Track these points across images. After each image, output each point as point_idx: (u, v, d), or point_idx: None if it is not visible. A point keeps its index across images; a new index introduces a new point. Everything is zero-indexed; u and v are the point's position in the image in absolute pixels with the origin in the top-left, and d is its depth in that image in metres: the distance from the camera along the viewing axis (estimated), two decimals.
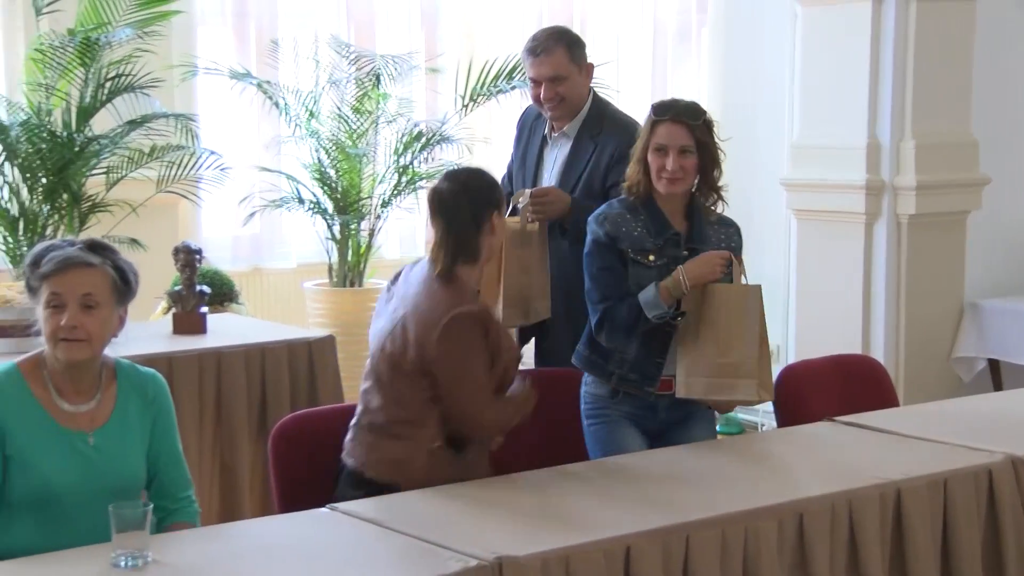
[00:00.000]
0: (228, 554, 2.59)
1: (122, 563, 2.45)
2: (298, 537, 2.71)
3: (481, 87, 6.72)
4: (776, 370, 4.37)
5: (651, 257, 3.39)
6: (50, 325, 2.72)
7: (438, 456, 3.16)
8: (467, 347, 3.10)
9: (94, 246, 2.81)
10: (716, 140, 3.42)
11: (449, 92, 7.14)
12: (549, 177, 4.13)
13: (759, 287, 3.40)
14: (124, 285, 2.80)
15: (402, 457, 3.15)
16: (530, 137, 4.25)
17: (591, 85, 4.18)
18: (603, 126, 4.07)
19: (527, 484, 3.11)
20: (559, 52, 4.03)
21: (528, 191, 3.97)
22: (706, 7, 6.91)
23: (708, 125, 3.40)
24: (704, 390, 3.37)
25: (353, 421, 3.25)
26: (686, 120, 3.36)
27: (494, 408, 3.19)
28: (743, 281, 3.42)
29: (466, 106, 6.82)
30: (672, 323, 3.37)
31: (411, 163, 6.91)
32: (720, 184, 3.47)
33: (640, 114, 3.71)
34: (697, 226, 3.45)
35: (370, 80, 6.91)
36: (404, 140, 6.89)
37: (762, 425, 6.09)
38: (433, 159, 7.03)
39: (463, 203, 3.18)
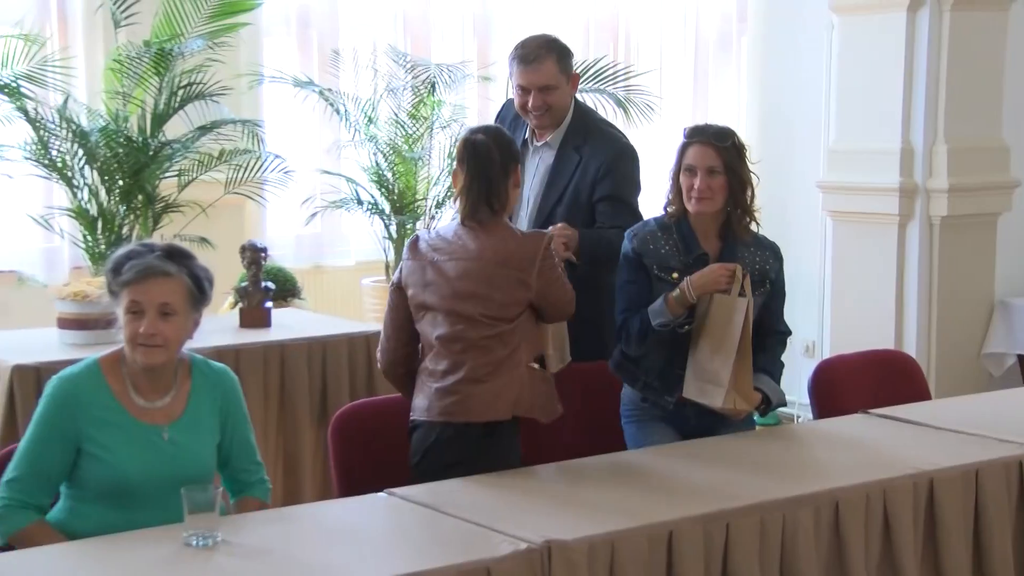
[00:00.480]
0: (291, 535, 2.60)
1: (193, 542, 2.47)
2: (356, 520, 2.72)
3: None
4: (811, 365, 4.35)
5: (675, 275, 3.37)
6: (129, 330, 2.73)
7: (535, 375, 3.20)
8: (553, 262, 3.25)
9: (172, 253, 2.80)
10: (747, 164, 3.39)
11: (499, 98, 7.11)
12: (531, 185, 3.96)
13: (745, 301, 3.29)
14: (199, 293, 2.81)
15: (515, 387, 3.15)
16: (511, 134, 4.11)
17: (574, 97, 4.03)
18: (588, 138, 3.94)
19: (572, 472, 3.10)
20: (550, 62, 3.86)
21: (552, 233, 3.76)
22: (746, 17, 6.87)
23: (738, 149, 3.38)
24: (695, 393, 3.35)
25: (442, 386, 3.17)
26: (714, 142, 3.35)
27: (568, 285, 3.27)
28: (740, 294, 3.32)
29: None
30: (678, 331, 3.35)
31: None
32: (753, 206, 3.44)
33: (685, 120, 3.69)
34: (729, 246, 3.42)
35: (426, 88, 6.92)
36: (457, 144, 6.87)
37: (798, 417, 6.05)
38: None
39: (494, 152, 3.20)
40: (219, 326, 4.70)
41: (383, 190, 6.89)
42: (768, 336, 3.50)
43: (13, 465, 2.71)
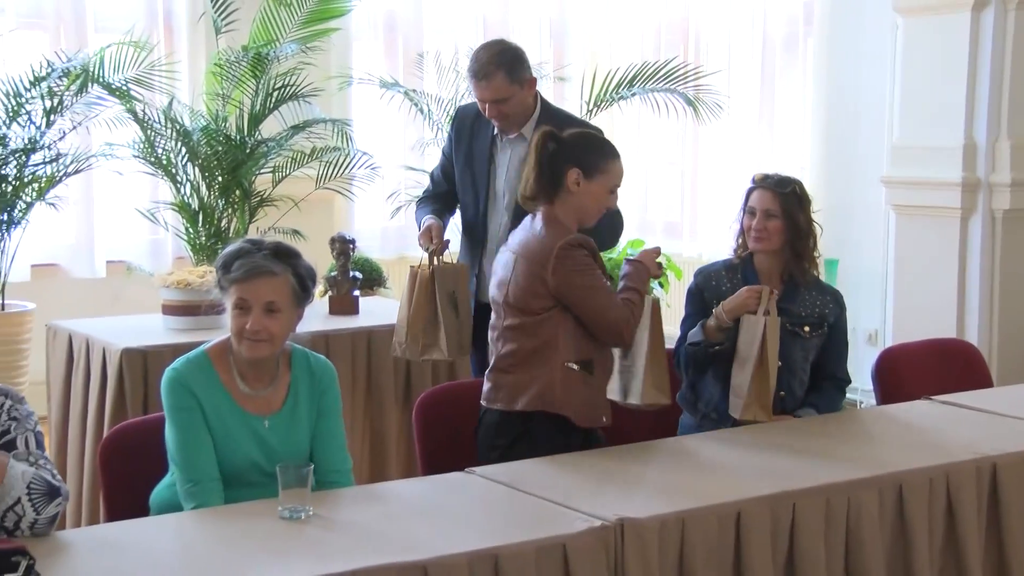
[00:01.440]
0: (377, 511, 2.60)
1: (287, 515, 2.49)
2: (438, 497, 2.71)
3: (604, 94, 6.67)
4: (874, 353, 4.28)
5: None
6: (236, 324, 2.74)
7: (572, 376, 3.11)
8: (578, 266, 3.08)
9: (279, 252, 2.79)
10: (809, 213, 3.45)
11: (574, 98, 7.10)
12: (505, 177, 3.86)
13: (765, 319, 3.29)
14: (303, 292, 2.81)
15: (542, 382, 3.10)
16: (473, 137, 3.95)
17: (536, 91, 3.92)
18: (560, 127, 3.70)
19: (644, 453, 3.07)
20: (499, 77, 3.75)
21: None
22: (812, 19, 6.75)
23: (798, 196, 3.44)
24: (729, 407, 3.37)
25: (487, 372, 3.20)
26: (774, 188, 3.42)
27: (617, 309, 3.11)
28: (764, 314, 3.31)
29: (590, 111, 6.77)
30: (708, 351, 3.38)
31: None
32: (815, 253, 3.49)
33: (752, 118, 3.62)
34: (789, 289, 3.46)
35: None
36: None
37: (861, 403, 5.95)
38: None
39: (549, 144, 3.14)
40: (310, 313, 4.63)
41: None
42: (825, 379, 3.54)
43: (178, 460, 2.71)
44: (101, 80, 5.55)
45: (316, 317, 4.63)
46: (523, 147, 3.75)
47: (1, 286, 5.49)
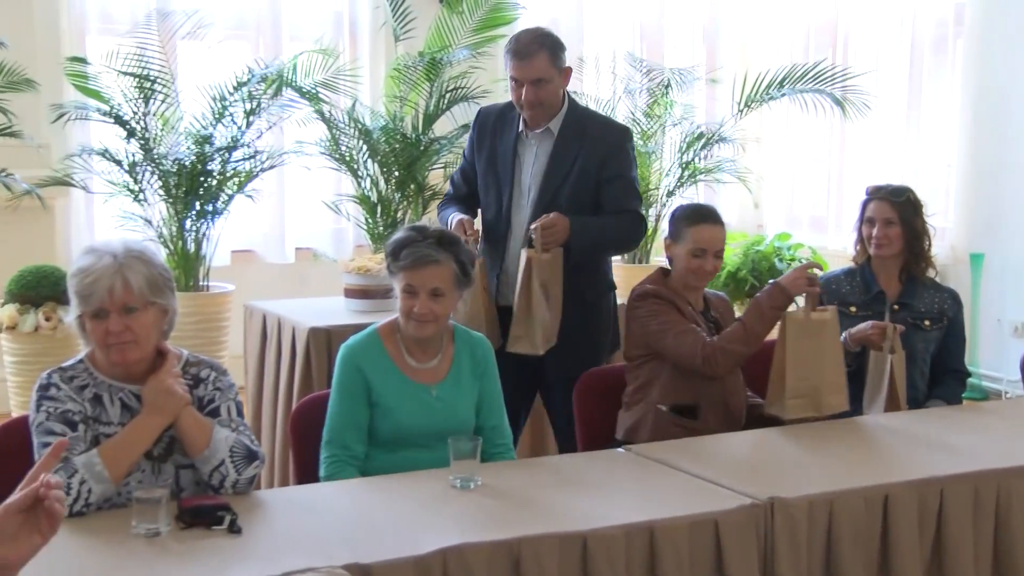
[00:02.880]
0: (540, 482, 2.59)
1: (457, 484, 2.50)
2: (596, 472, 2.69)
3: (755, 94, 6.52)
4: (1020, 345, 4.07)
5: (852, 308, 3.51)
6: (405, 306, 2.80)
7: (663, 417, 3.12)
8: (649, 311, 3.15)
9: (442, 241, 2.83)
10: (923, 217, 3.53)
11: (725, 99, 6.97)
12: (531, 172, 3.59)
13: (900, 358, 3.27)
14: (464, 277, 2.84)
15: (636, 419, 3.16)
16: (496, 137, 3.67)
17: (566, 89, 3.67)
18: (589, 121, 3.62)
19: (796, 435, 2.98)
20: (542, 56, 3.49)
21: (537, 225, 3.38)
22: (963, 20, 6.44)
23: (912, 204, 3.52)
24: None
25: None
26: (890, 198, 3.50)
27: (705, 346, 3.08)
28: (890, 352, 3.27)
29: (741, 111, 6.64)
30: None
31: (692, 160, 6.82)
32: (929, 253, 3.55)
33: (899, 119, 3.50)
34: (908, 287, 3.53)
35: (660, 89, 6.84)
36: (687, 140, 6.80)
37: (1006, 393, 5.68)
38: (711, 156, 6.91)
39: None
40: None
41: None
42: (946, 373, 3.53)
43: (328, 428, 2.79)
44: (293, 84, 5.69)
45: None
46: (549, 142, 3.58)
47: (206, 270, 5.69)
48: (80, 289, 2.38)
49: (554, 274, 3.43)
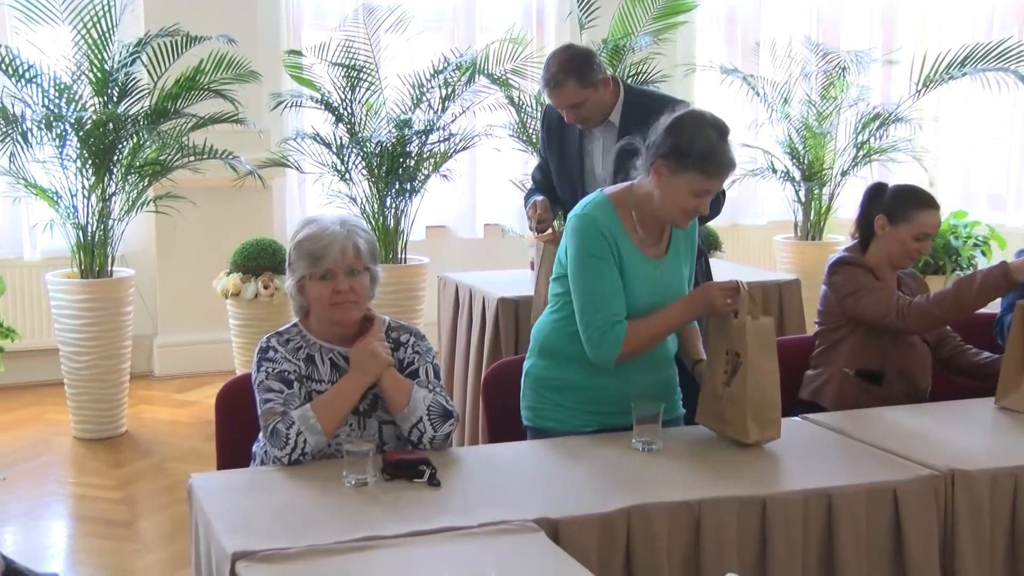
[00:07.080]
0: (718, 445, 2.51)
1: (640, 447, 2.47)
2: (775, 441, 2.59)
3: (935, 74, 6.18)
4: None
5: None
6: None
7: (848, 381, 3.00)
8: (846, 277, 3.04)
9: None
10: None
11: (902, 79, 6.64)
12: (601, 164, 3.52)
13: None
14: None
15: (822, 381, 3.06)
16: (562, 134, 3.63)
17: (618, 81, 3.55)
18: (645, 104, 3.37)
19: (979, 411, 2.80)
20: (569, 85, 3.43)
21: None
22: None
23: None
24: None
25: None
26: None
27: (900, 299, 2.95)
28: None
29: (919, 91, 6.30)
30: None
31: (867, 140, 6.55)
32: None
33: None
34: None
35: (836, 72, 6.58)
36: (863, 121, 6.53)
37: None
38: (887, 136, 6.61)
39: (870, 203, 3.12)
40: None
41: (795, 160, 6.67)
42: None
43: (583, 306, 2.57)
44: (485, 72, 5.73)
45: None
46: (612, 133, 3.49)
47: (404, 243, 5.82)
48: (315, 250, 2.43)
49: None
